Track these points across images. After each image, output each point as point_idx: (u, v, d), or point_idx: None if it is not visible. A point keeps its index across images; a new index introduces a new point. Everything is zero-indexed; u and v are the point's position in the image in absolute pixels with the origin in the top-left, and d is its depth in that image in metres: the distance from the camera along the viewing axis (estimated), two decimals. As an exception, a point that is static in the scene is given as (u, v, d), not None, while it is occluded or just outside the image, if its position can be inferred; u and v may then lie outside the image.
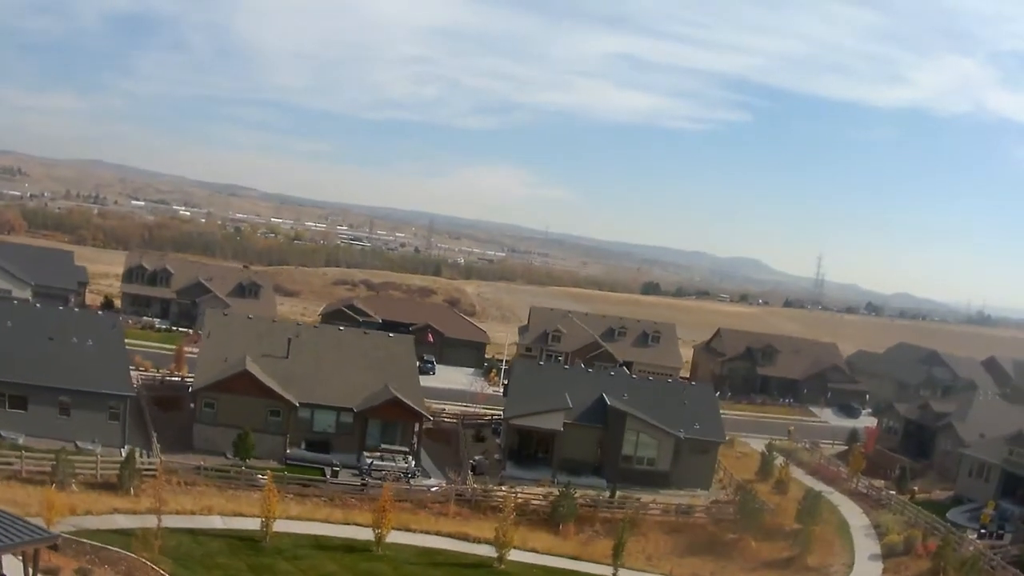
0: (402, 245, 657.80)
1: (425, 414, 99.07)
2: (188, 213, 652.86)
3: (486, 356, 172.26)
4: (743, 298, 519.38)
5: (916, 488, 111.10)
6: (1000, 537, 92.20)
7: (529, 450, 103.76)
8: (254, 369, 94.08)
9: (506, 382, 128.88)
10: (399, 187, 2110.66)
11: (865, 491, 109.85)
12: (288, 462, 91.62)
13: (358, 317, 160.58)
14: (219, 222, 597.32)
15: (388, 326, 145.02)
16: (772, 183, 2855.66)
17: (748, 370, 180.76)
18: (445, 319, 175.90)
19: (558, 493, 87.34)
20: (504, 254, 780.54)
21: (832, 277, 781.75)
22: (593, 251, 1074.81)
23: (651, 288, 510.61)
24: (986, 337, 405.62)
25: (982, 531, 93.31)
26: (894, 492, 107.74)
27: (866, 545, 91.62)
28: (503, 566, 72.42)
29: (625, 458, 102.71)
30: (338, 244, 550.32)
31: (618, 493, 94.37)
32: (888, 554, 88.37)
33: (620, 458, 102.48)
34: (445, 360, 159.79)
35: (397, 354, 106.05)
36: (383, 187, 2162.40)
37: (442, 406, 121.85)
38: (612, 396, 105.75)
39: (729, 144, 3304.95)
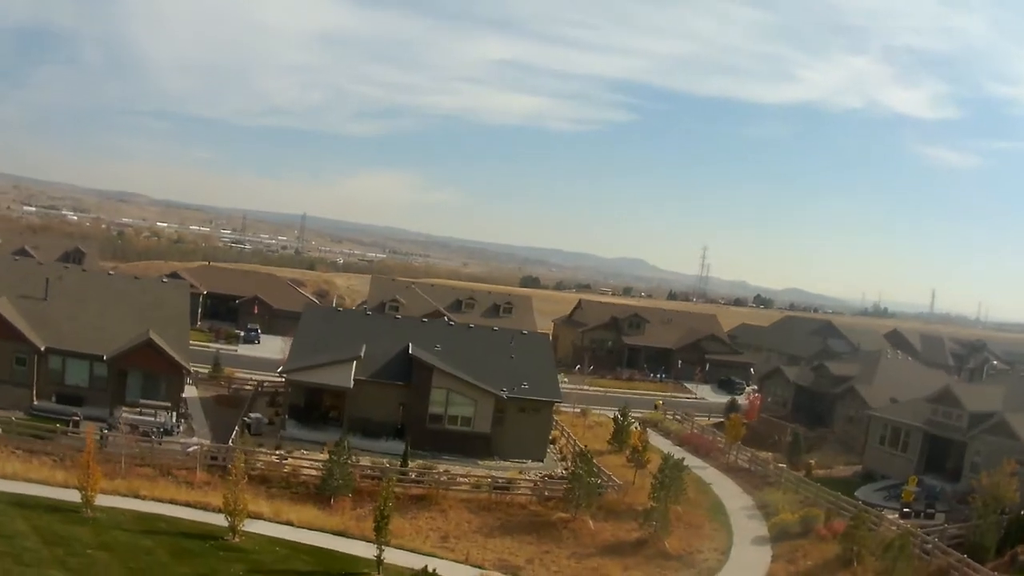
0: (283, 248, 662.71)
1: (186, 365, 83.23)
2: (76, 217, 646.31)
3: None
4: (626, 291, 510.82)
5: (813, 462, 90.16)
6: (930, 517, 70.28)
7: (319, 410, 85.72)
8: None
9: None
10: (285, 193, 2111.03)
11: (748, 465, 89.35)
12: (34, 414, 77.85)
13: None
14: (103, 226, 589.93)
15: (214, 297, 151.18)
16: (659, 184, 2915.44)
17: (614, 341, 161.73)
18: (274, 291, 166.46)
19: (331, 459, 68.01)
20: (385, 255, 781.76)
21: (720, 274, 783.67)
22: (477, 253, 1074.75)
23: (530, 282, 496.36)
24: (884, 328, 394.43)
25: (905, 510, 71.33)
26: (784, 466, 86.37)
27: (749, 527, 71.43)
28: (237, 539, 55.96)
29: (434, 419, 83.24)
30: (218, 246, 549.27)
31: (420, 462, 76.32)
32: (779, 536, 68.52)
33: (427, 419, 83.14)
34: (274, 330, 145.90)
35: (168, 300, 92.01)
36: (270, 193, 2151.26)
37: (250, 375, 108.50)
38: (420, 347, 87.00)
39: (615, 145, 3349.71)
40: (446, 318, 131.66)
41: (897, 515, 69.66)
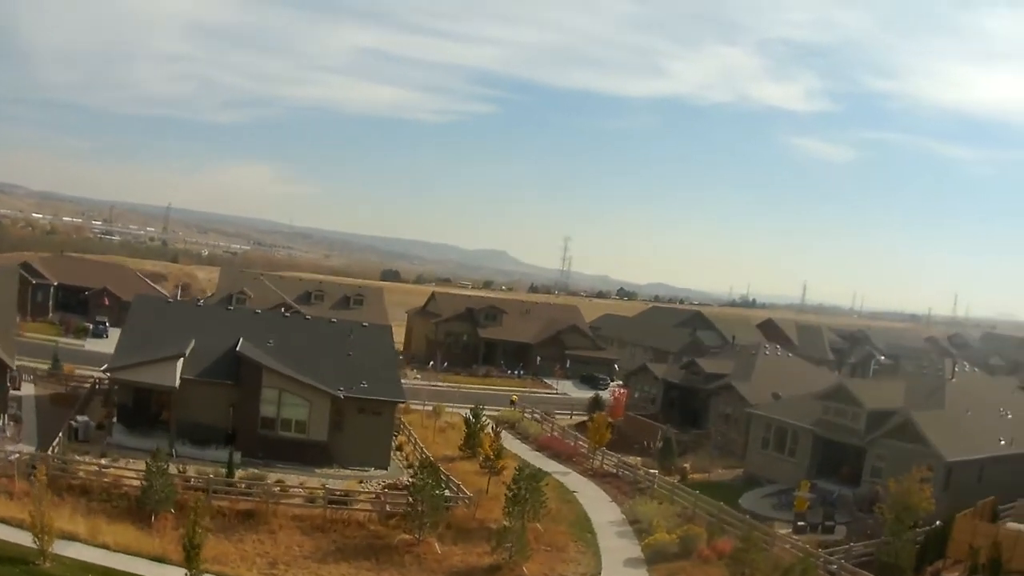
0: (151, 239, 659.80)
1: (9, 362, 73.40)
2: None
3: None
4: (487, 285, 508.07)
5: (687, 465, 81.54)
6: (830, 530, 62.27)
7: (148, 412, 75.91)
8: None
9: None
10: (155, 183, 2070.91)
11: (615, 470, 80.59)
12: None
13: (31, 278, 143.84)
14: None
15: (65, 289, 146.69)
16: (522, 176, 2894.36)
17: (469, 334, 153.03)
18: (125, 282, 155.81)
19: (152, 470, 58.77)
20: (249, 247, 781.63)
21: (583, 268, 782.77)
22: (339, 244, 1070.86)
23: (390, 275, 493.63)
24: (756, 318, 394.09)
25: (800, 523, 62.78)
26: (656, 472, 77.27)
27: (619, 547, 61.85)
28: (48, 564, 48.68)
29: (266, 423, 73.77)
30: (89, 237, 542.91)
31: (251, 471, 67.74)
32: (655, 558, 59.19)
33: (259, 423, 73.76)
34: (123, 323, 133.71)
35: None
36: (140, 183, 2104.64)
37: (92, 372, 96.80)
38: (252, 342, 77.76)
39: (479, 137, 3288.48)
40: (282, 309, 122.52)
41: (791, 529, 61.30)
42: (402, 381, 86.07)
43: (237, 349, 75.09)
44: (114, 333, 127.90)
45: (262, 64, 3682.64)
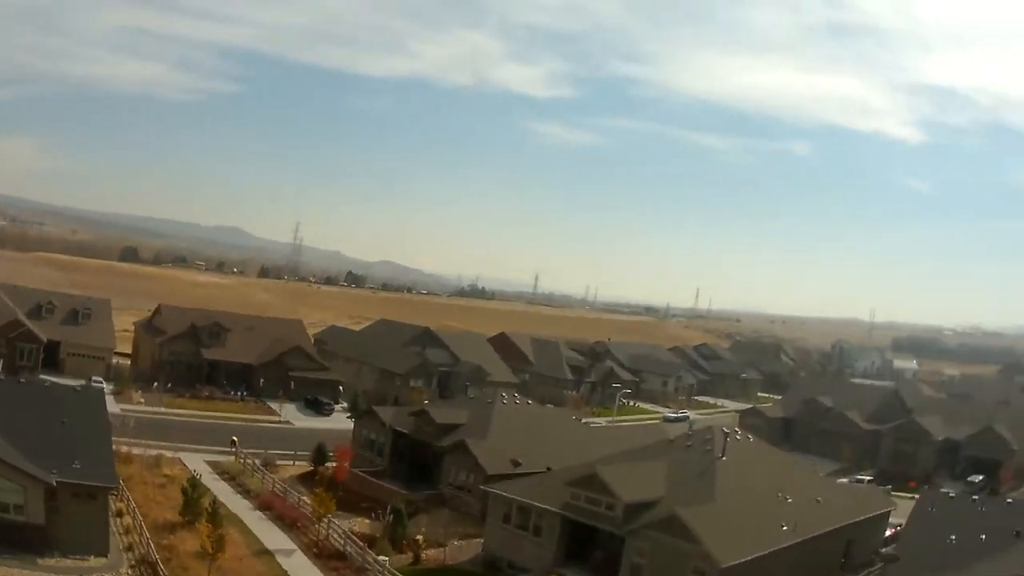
0: None
1: None
2: None
3: None
4: (220, 266, 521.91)
5: (421, 538, 76.39)
6: None
7: None
8: None
9: None
10: None
11: (342, 546, 73.71)
12: None
13: None
14: None
15: None
16: (262, 152, 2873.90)
17: (193, 354, 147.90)
18: None
19: None
20: (5, 223, 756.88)
21: (315, 244, 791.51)
22: (88, 221, 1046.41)
23: (129, 254, 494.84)
24: (480, 311, 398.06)
25: None
26: (386, 558, 70.39)
27: None
28: None
29: None
30: None
31: None
32: None
33: None
34: None
35: None
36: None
37: None
38: None
39: (225, 115, 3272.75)
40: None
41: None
42: (126, 406, 79.85)
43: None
44: None
45: (31, 40, 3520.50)
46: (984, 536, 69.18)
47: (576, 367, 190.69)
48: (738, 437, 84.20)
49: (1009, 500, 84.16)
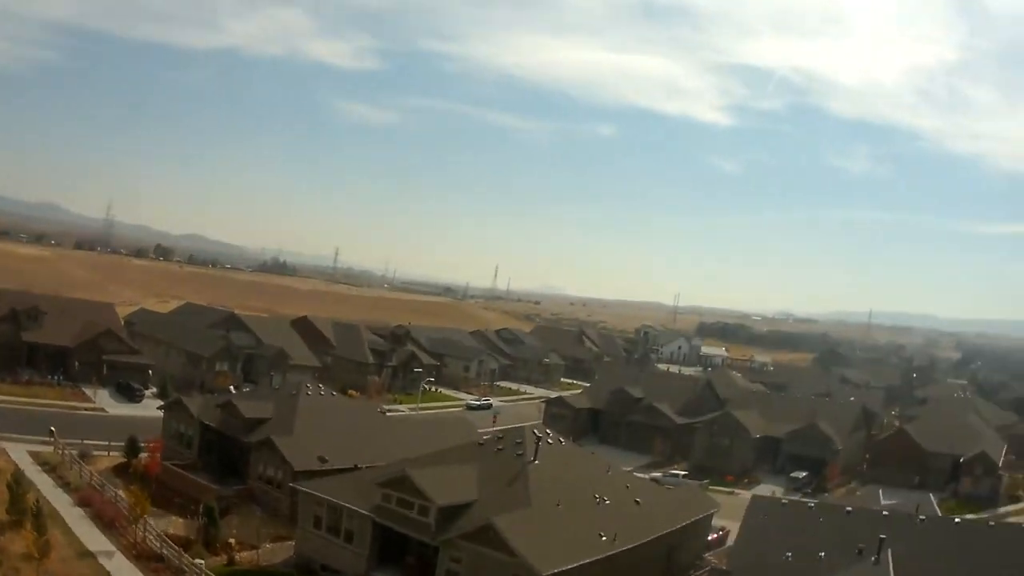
0: None
1: None
2: None
3: None
4: (39, 239, 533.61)
5: (233, 540, 76.48)
6: None
7: None
8: None
9: None
10: None
11: (160, 547, 72.90)
12: None
13: None
14: None
15: None
16: (81, 124, 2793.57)
17: (13, 336, 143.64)
18: None
19: None
20: None
21: (125, 218, 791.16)
22: None
23: None
24: (282, 290, 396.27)
25: None
26: (201, 561, 70.39)
27: None
28: None
29: None
30: None
31: None
32: None
33: None
34: None
35: None
36: None
37: None
38: None
39: (40, 87, 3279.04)
40: None
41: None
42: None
43: None
44: None
45: None
46: (823, 554, 67.79)
47: (378, 351, 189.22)
48: (550, 441, 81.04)
49: (849, 509, 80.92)
